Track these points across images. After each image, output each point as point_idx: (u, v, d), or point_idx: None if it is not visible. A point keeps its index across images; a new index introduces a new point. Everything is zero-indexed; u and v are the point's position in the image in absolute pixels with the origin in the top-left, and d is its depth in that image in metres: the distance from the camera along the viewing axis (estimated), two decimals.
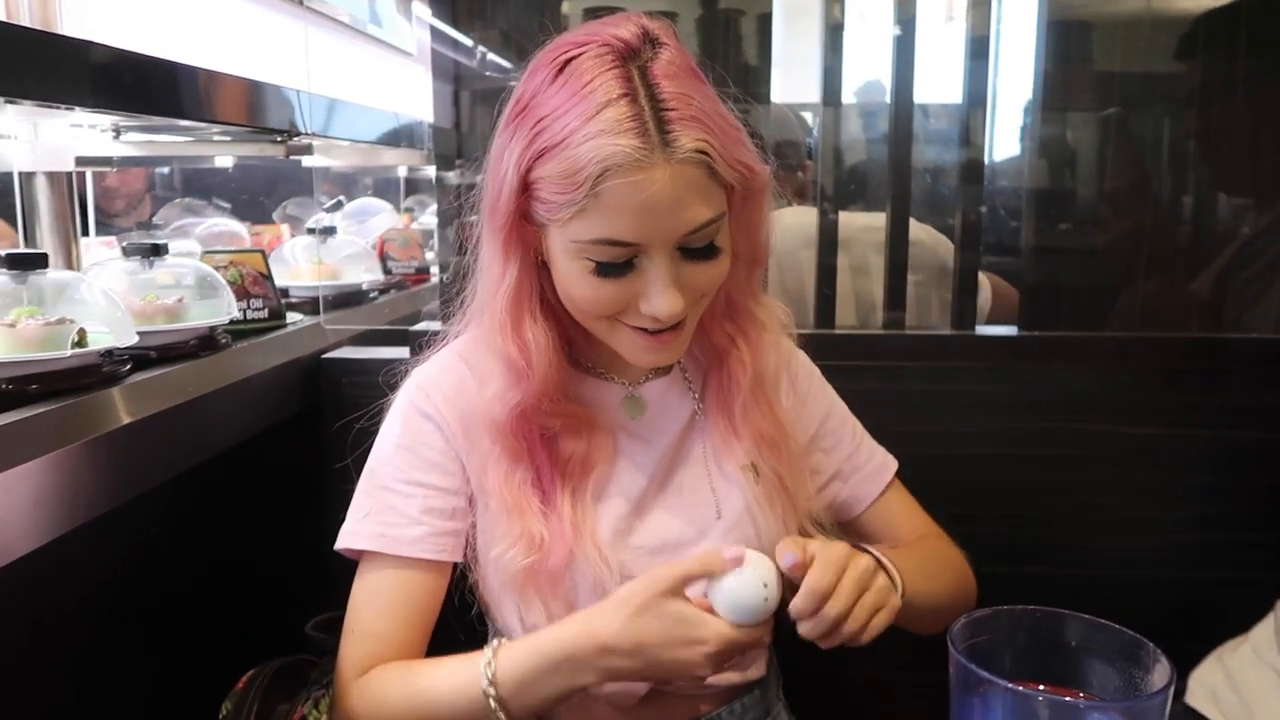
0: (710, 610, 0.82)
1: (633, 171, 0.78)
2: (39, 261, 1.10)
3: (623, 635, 0.81)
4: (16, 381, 0.99)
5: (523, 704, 0.85)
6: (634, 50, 0.82)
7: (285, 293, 1.67)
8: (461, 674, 0.87)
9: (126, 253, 1.33)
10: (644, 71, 0.81)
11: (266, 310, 1.49)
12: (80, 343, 1.05)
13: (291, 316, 1.59)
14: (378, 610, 0.93)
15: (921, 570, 0.96)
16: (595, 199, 0.79)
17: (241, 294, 1.45)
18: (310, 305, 1.75)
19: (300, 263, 1.83)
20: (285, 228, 2.36)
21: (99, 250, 1.72)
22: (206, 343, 1.29)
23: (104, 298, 1.14)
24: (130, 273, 1.30)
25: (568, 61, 0.82)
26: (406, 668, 0.91)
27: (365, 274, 1.94)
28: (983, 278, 1.61)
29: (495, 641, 0.87)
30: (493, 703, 0.84)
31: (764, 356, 1.01)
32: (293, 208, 2.49)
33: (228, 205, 2.37)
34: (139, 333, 1.16)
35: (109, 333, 1.11)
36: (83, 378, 1.05)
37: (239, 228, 2.10)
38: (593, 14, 1.41)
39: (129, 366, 1.14)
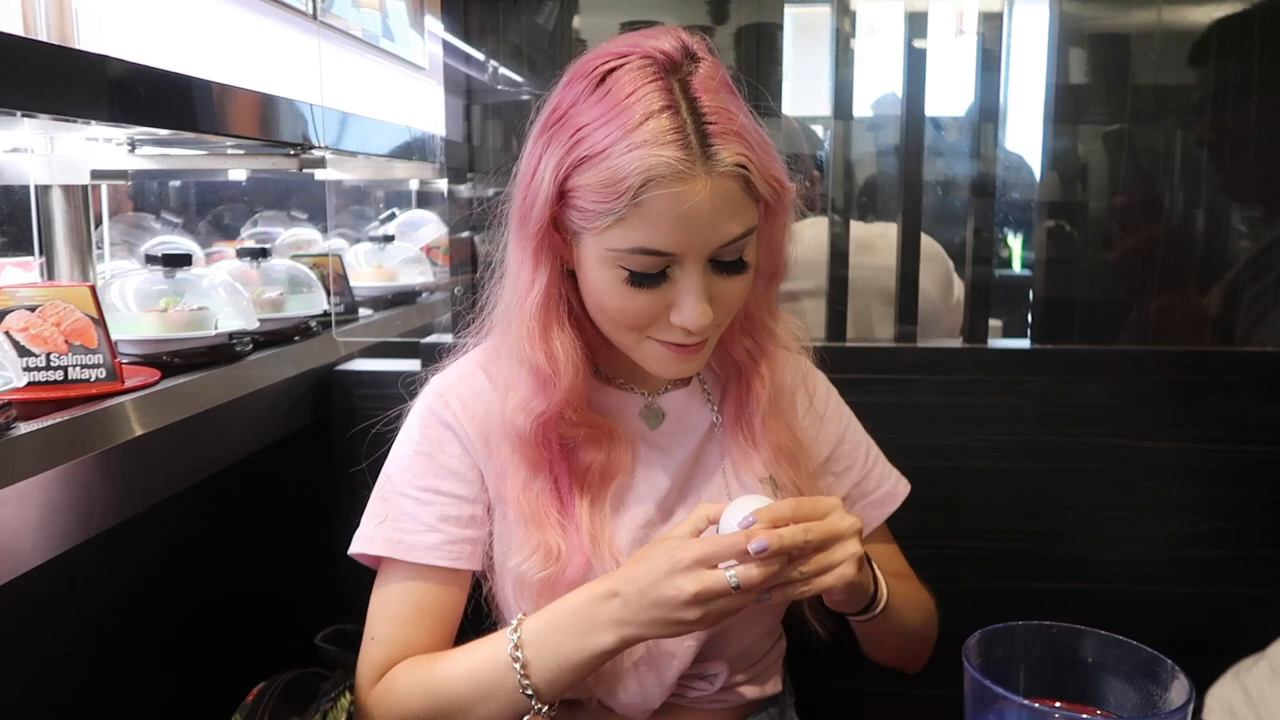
0: None
1: (675, 183, 0.79)
2: (185, 261, 1.39)
3: (622, 575, 0.83)
4: (169, 355, 1.28)
5: (545, 669, 0.84)
6: (675, 64, 0.83)
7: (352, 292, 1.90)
8: (485, 650, 0.88)
9: (239, 255, 1.62)
10: (685, 85, 0.82)
11: (343, 305, 1.75)
12: (215, 325, 1.33)
13: (363, 312, 1.86)
14: (396, 617, 0.93)
15: (903, 597, 0.98)
16: (636, 209, 0.80)
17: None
18: (373, 303, 2.01)
19: (364, 266, 2.09)
20: (251, 245, 2.23)
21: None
22: (303, 330, 1.57)
23: (232, 290, 1.40)
24: (241, 271, 1.56)
25: (609, 72, 0.83)
26: (425, 660, 0.92)
27: (418, 276, 2.17)
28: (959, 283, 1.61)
29: (520, 614, 0.88)
30: (518, 667, 0.84)
31: (782, 371, 1.01)
32: (264, 223, 2.39)
33: (178, 221, 2.23)
34: None
35: (238, 318, 1.37)
36: (218, 353, 1.32)
37: (190, 245, 1.98)
38: (628, 27, 1.42)
39: (251, 346, 1.38)
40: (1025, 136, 1.49)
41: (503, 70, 1.47)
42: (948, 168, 1.56)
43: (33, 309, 1.09)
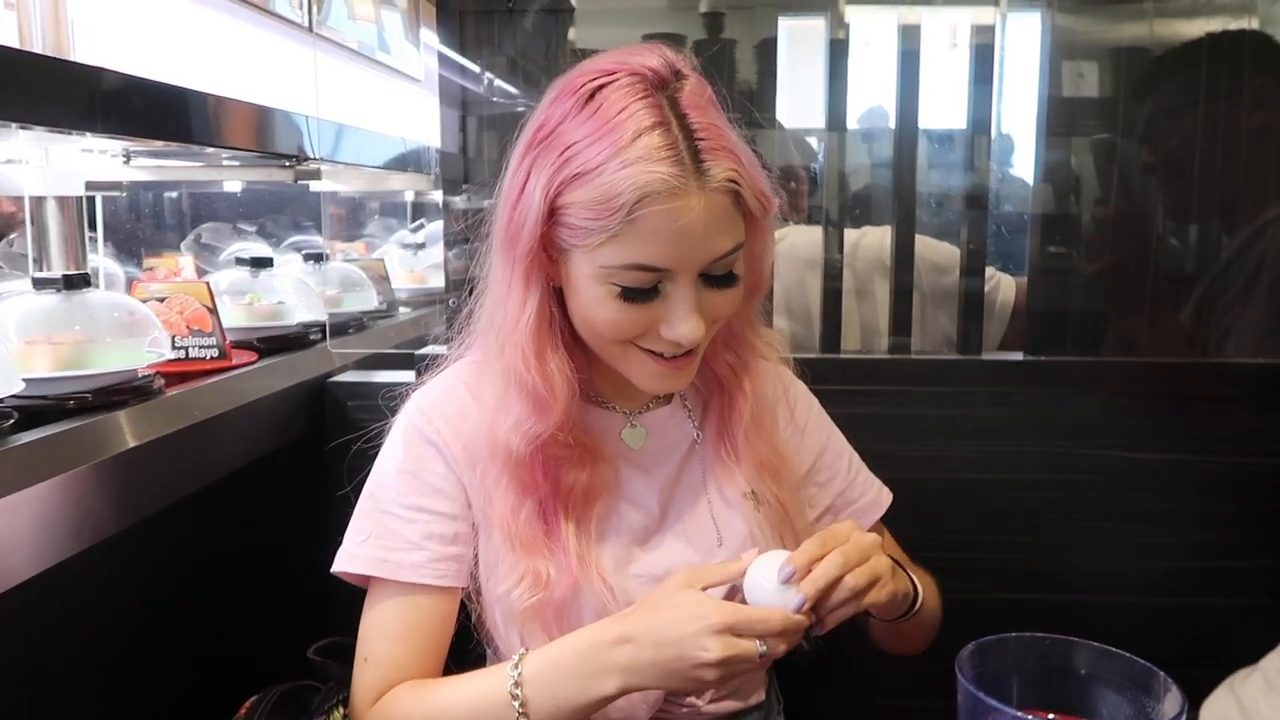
0: None
1: (669, 199, 0.79)
2: (268, 263, 1.66)
3: (637, 623, 0.82)
4: (256, 341, 1.52)
5: (544, 709, 0.84)
6: (663, 80, 0.83)
7: None
8: (485, 682, 0.87)
9: (305, 258, 1.88)
10: (674, 102, 0.82)
11: (385, 304, 1.99)
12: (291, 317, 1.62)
13: (402, 310, 2.11)
14: (389, 637, 0.93)
15: (926, 584, 0.98)
16: (630, 225, 0.80)
17: None
18: (407, 302, 2.19)
19: (398, 270, 2.32)
20: (189, 259, 2.12)
21: None
22: (358, 323, 1.83)
23: (304, 288, 1.68)
24: (306, 272, 1.81)
25: (598, 89, 0.83)
26: (424, 685, 0.91)
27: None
28: (1007, 278, 1.60)
29: (522, 649, 0.87)
30: (517, 705, 0.84)
31: (763, 384, 1.02)
32: (208, 235, 2.30)
33: (91, 235, 2.01)
34: None
35: (309, 311, 1.64)
36: (293, 341, 1.58)
37: (112, 266, 1.93)
38: (650, 39, 1.42)
39: (319, 335, 1.64)
40: (1018, 149, 1.49)
41: (498, 82, 1.48)
42: (941, 180, 1.56)
43: (161, 300, 1.35)
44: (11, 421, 0.98)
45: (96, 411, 1.07)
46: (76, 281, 1.14)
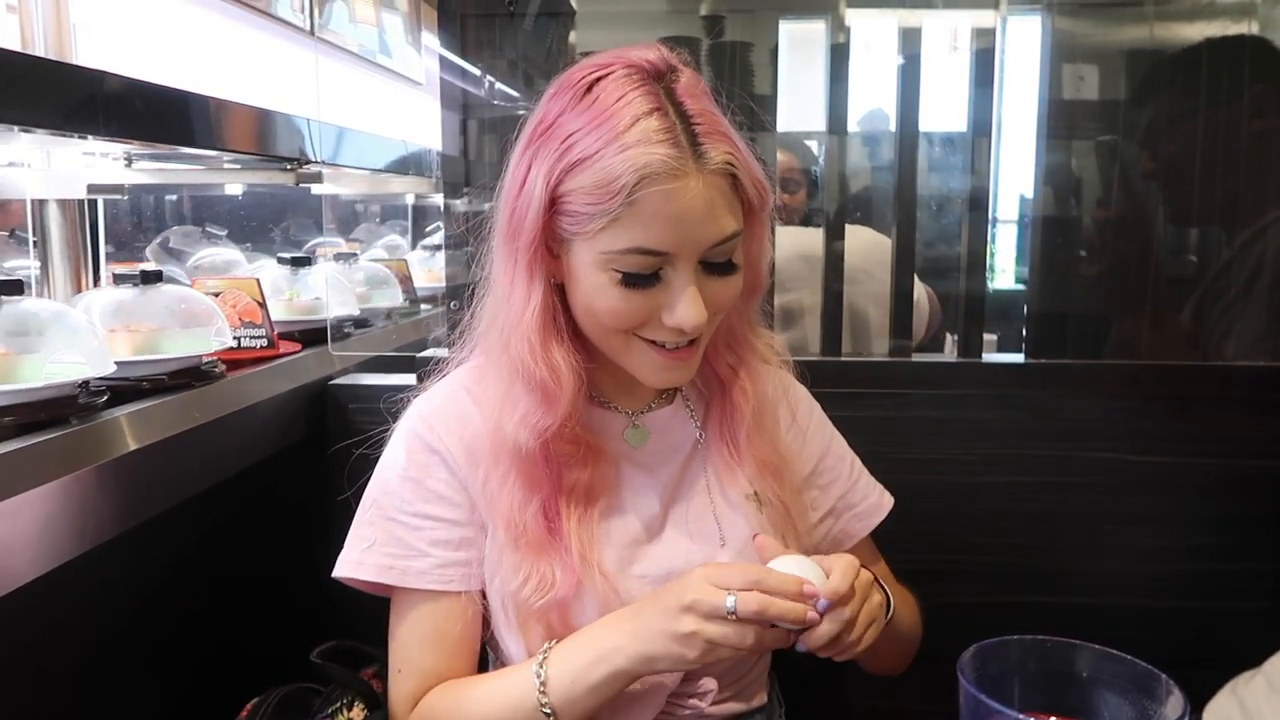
0: None
1: (668, 180, 0.80)
2: (307, 261, 1.80)
3: (653, 595, 0.86)
4: (297, 333, 1.64)
5: (562, 687, 0.86)
6: (659, 72, 0.85)
7: None
8: (514, 672, 0.90)
9: (336, 259, 2.02)
10: (670, 91, 0.84)
11: (408, 301, 2.13)
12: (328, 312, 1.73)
13: (424, 307, 2.24)
14: (417, 648, 0.94)
15: (902, 601, 0.98)
16: (630, 208, 0.81)
17: None
18: (427, 300, 2.31)
19: (418, 270, 2.42)
20: (152, 266, 1.96)
21: None
22: (388, 318, 1.99)
23: (338, 284, 1.81)
24: (338, 272, 1.93)
25: (596, 81, 0.84)
26: (454, 685, 0.93)
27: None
28: (921, 289, 1.61)
29: (549, 644, 0.89)
30: (539, 682, 0.86)
31: (763, 385, 1.02)
32: (176, 240, 2.21)
33: (36, 238, 1.97)
34: None
35: (343, 306, 1.77)
36: (327, 334, 1.67)
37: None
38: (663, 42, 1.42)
39: (353, 328, 1.79)
40: (1019, 151, 1.49)
41: (499, 85, 1.48)
42: (941, 182, 1.57)
43: (217, 294, 1.44)
44: (105, 398, 1.09)
45: (170, 391, 1.19)
46: (151, 277, 1.28)
